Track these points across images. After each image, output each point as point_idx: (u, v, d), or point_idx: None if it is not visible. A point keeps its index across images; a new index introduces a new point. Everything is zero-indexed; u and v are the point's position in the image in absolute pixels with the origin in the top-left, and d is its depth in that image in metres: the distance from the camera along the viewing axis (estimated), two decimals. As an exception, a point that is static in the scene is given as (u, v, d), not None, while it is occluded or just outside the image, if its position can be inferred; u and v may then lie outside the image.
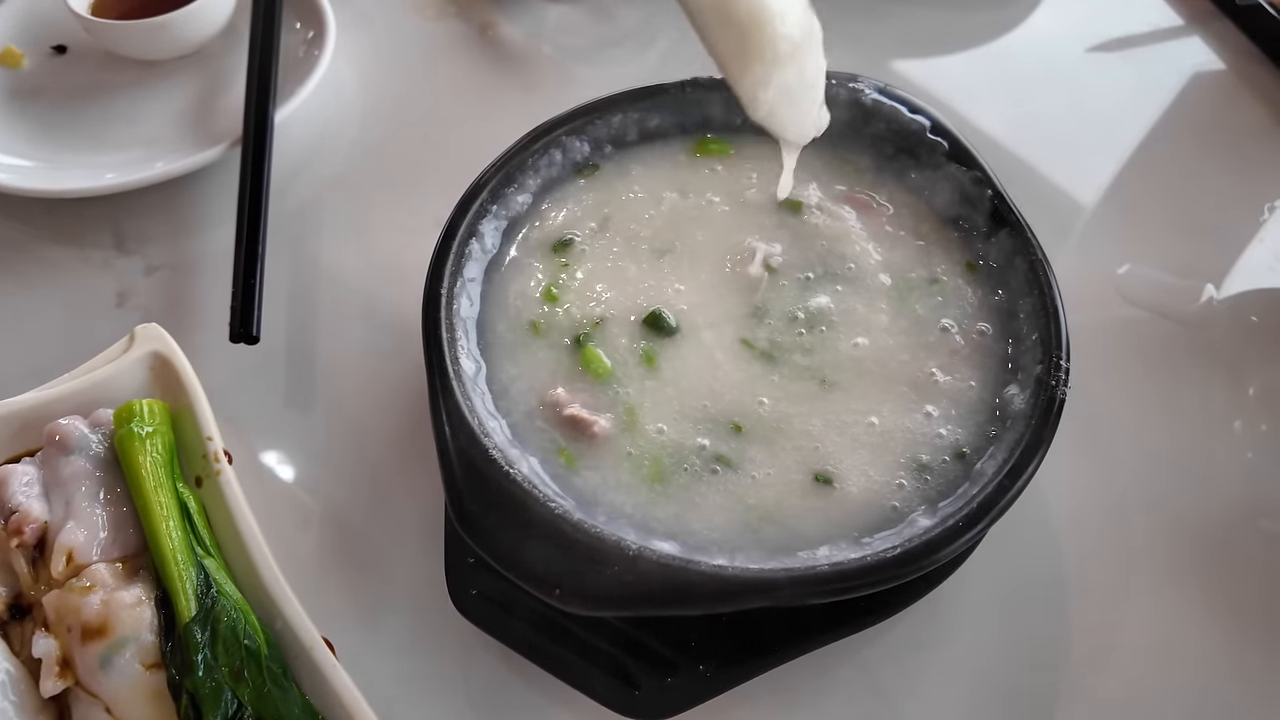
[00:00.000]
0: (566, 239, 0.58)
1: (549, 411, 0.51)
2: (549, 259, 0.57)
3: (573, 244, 0.57)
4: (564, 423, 0.50)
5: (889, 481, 0.48)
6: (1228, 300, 0.69)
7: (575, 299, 0.55)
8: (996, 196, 0.56)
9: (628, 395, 0.51)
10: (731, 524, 0.47)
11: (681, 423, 0.50)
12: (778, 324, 0.54)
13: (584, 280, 0.56)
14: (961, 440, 0.49)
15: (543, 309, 0.55)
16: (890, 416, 0.51)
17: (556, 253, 0.57)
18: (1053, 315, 0.50)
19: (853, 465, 0.49)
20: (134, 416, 0.53)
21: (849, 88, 0.61)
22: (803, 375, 0.52)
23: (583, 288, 0.56)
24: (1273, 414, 0.63)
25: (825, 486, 0.48)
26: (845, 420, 0.51)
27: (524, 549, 0.42)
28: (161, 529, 0.49)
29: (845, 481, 0.48)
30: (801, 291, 0.56)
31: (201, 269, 0.70)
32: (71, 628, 0.47)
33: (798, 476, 0.49)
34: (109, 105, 0.80)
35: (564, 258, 0.57)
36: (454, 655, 0.52)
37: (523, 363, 0.53)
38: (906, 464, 0.49)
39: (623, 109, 0.61)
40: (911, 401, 0.51)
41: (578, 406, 0.51)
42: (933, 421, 0.50)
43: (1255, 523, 0.58)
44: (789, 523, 0.47)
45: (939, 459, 0.49)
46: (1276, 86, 0.84)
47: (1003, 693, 0.51)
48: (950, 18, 0.92)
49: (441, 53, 0.88)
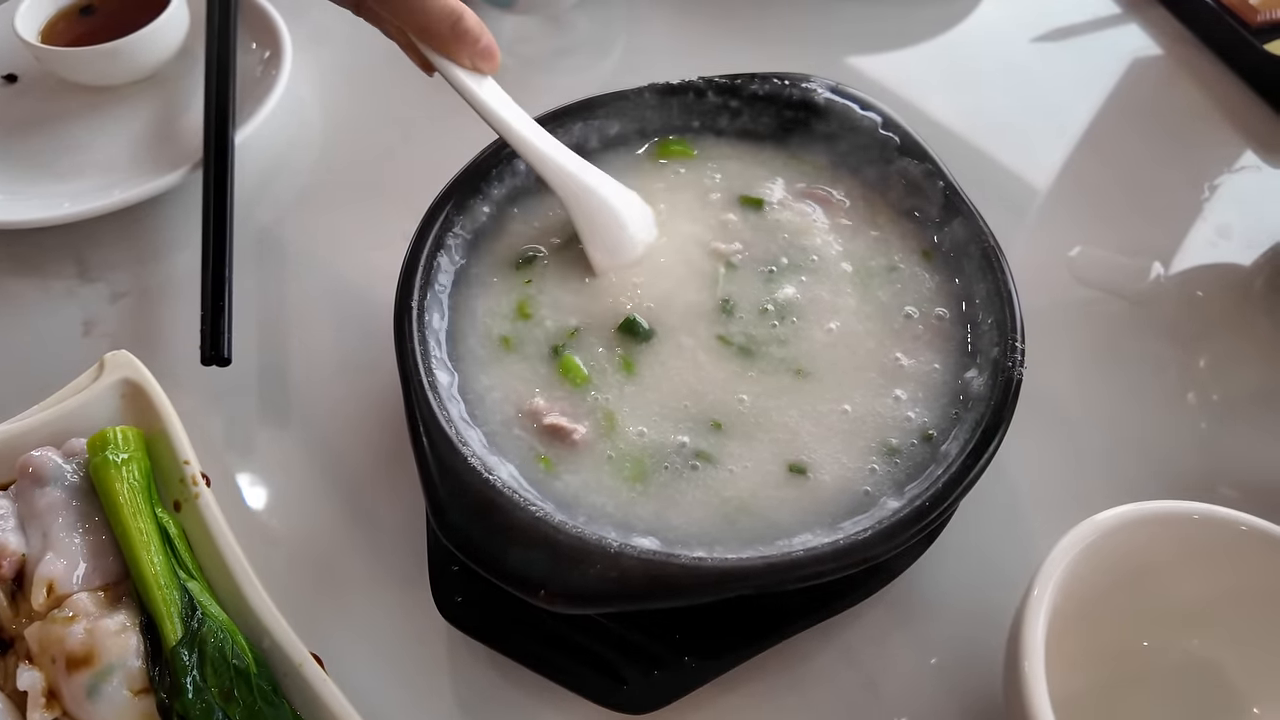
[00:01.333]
0: (530, 254, 0.59)
1: (527, 420, 0.51)
2: (514, 275, 0.58)
3: (536, 260, 0.58)
4: (543, 431, 0.51)
5: (861, 467, 0.50)
6: (1175, 277, 0.72)
7: (547, 312, 0.56)
8: (948, 188, 0.58)
9: (606, 401, 0.52)
10: (710, 518, 0.48)
11: (662, 424, 0.51)
12: (749, 318, 0.55)
13: (553, 293, 0.57)
14: (929, 423, 0.51)
15: (514, 325, 0.56)
16: (862, 403, 0.52)
17: (520, 270, 0.58)
18: (1006, 299, 0.52)
19: (827, 453, 0.50)
20: (108, 444, 0.53)
21: (802, 88, 0.62)
22: (779, 368, 0.53)
23: (553, 300, 0.57)
24: (1223, 384, 0.66)
25: (800, 476, 0.49)
26: (820, 410, 0.52)
27: (507, 553, 0.43)
28: (143, 555, 0.49)
29: (820, 470, 0.50)
30: (768, 284, 0.57)
31: (168, 293, 0.70)
32: (56, 658, 0.46)
33: (773, 468, 0.50)
34: (64, 133, 0.80)
35: (528, 275, 0.58)
36: (442, 662, 0.52)
37: (496, 375, 0.54)
38: (878, 448, 0.50)
39: (583, 116, 0.62)
40: (880, 387, 0.53)
41: (557, 414, 0.51)
42: (901, 405, 0.52)
43: (1215, 490, 0.60)
44: (765, 513, 0.48)
45: (908, 442, 0.50)
46: (1211, 69, 0.87)
47: (978, 664, 0.53)
48: (898, 13, 0.94)
49: (401, 67, 0.88)
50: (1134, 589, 0.48)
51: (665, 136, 0.64)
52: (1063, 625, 0.45)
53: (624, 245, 0.57)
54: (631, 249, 0.57)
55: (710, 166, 0.63)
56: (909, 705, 0.52)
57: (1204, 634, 0.49)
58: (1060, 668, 0.43)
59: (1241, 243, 0.74)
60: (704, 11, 0.94)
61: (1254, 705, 0.48)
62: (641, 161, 0.64)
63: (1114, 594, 0.47)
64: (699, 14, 0.94)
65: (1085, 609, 0.47)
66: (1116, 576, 0.47)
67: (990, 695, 0.51)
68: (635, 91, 0.63)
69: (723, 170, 0.63)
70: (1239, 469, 0.61)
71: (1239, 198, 0.77)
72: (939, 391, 0.52)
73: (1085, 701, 0.48)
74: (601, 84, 0.65)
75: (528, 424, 0.51)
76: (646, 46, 0.91)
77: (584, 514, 0.47)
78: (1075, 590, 0.45)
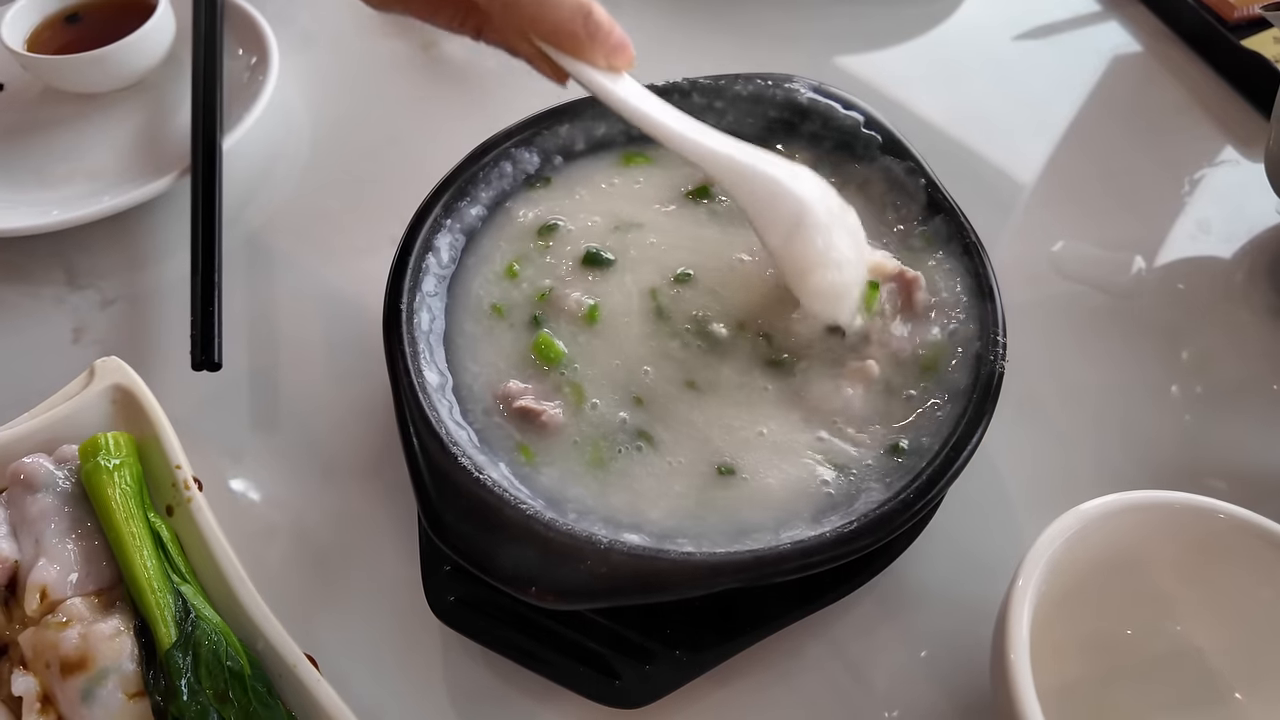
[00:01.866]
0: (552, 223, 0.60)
1: (503, 405, 0.52)
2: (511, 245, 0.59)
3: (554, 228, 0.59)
4: (516, 416, 0.52)
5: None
6: (1156, 270, 0.73)
7: (534, 273, 0.57)
8: (930, 185, 0.58)
9: (574, 374, 0.53)
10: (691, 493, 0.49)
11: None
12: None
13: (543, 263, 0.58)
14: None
15: (504, 288, 0.57)
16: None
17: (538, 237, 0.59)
18: (988, 294, 0.53)
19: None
20: (100, 450, 0.53)
21: (785, 88, 0.63)
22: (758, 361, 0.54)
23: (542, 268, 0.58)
24: (1206, 376, 0.67)
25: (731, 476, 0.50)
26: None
27: (498, 552, 0.43)
28: (136, 559, 0.50)
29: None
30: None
31: (157, 300, 0.70)
32: (50, 663, 0.47)
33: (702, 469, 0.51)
34: (51, 140, 0.80)
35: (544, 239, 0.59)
36: (436, 662, 0.53)
37: (483, 357, 0.54)
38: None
39: (570, 119, 0.62)
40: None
41: (530, 398, 0.52)
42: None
43: (1200, 481, 0.61)
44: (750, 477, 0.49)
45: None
46: (1190, 65, 0.88)
47: (966, 655, 0.53)
48: (883, 13, 0.95)
49: (387, 72, 0.89)
50: (1118, 577, 0.49)
51: (628, 149, 0.65)
52: (1049, 614, 0.46)
53: (802, 229, 0.51)
54: (811, 236, 0.51)
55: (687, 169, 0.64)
56: (898, 696, 0.52)
57: (1187, 620, 0.50)
58: (1047, 656, 0.44)
59: (1221, 236, 0.75)
60: (690, 13, 0.95)
61: (1236, 690, 0.49)
62: (617, 166, 0.64)
63: (1099, 582, 0.48)
64: (684, 15, 0.94)
65: (1071, 598, 0.47)
66: (1101, 565, 0.48)
67: (978, 685, 0.52)
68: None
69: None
70: (1222, 459, 0.62)
71: (1218, 192, 0.78)
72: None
73: (1072, 689, 0.49)
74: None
75: (505, 409, 0.52)
76: (634, 50, 0.92)
77: (573, 509, 0.48)
78: (1060, 579, 0.46)
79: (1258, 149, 0.80)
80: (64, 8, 0.83)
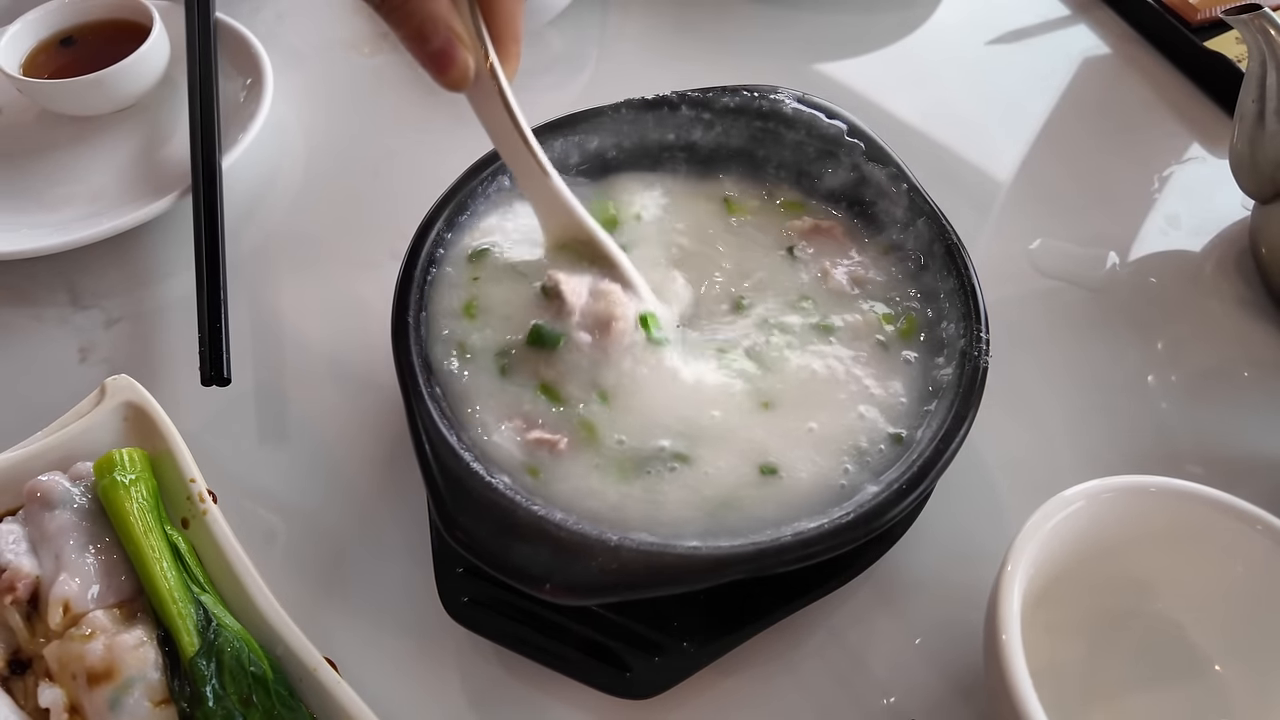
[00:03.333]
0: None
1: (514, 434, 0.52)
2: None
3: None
4: (527, 445, 0.52)
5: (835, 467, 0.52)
6: (1130, 265, 0.76)
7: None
8: (912, 189, 0.61)
9: (586, 413, 0.53)
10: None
11: (641, 434, 0.52)
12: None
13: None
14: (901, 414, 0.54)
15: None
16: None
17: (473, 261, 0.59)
18: (970, 293, 0.55)
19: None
20: (115, 466, 0.54)
21: (770, 99, 0.65)
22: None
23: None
24: (1180, 366, 0.69)
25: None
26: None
27: (512, 551, 0.45)
28: (156, 571, 0.51)
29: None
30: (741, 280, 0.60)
31: (162, 318, 0.72)
32: (76, 675, 0.48)
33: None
34: (50, 163, 0.81)
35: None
36: (452, 661, 0.55)
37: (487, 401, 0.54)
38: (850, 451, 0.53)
39: (564, 133, 0.64)
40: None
41: (540, 431, 0.52)
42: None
43: (1180, 468, 0.63)
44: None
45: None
46: (1157, 66, 0.92)
47: (959, 640, 0.56)
48: (857, 21, 0.97)
49: (379, 87, 0.91)
50: (1102, 560, 0.51)
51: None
52: (1037, 597, 0.48)
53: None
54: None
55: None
56: (896, 681, 0.54)
57: (1168, 599, 0.52)
58: (1037, 637, 0.46)
59: (1190, 230, 0.78)
60: (673, 27, 0.97)
61: (1215, 663, 0.51)
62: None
63: (1083, 565, 0.50)
64: (669, 29, 0.97)
65: (1057, 581, 0.50)
66: (1085, 548, 0.50)
67: (972, 666, 0.54)
68: (613, 107, 0.65)
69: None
70: (1197, 444, 0.65)
71: (1187, 187, 0.81)
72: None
73: (1062, 667, 0.51)
74: (576, 100, 0.67)
75: (514, 440, 0.52)
76: (619, 62, 0.94)
77: (578, 519, 0.48)
78: (1047, 563, 0.48)
79: (1222, 146, 0.83)
80: (58, 31, 0.84)
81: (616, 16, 0.98)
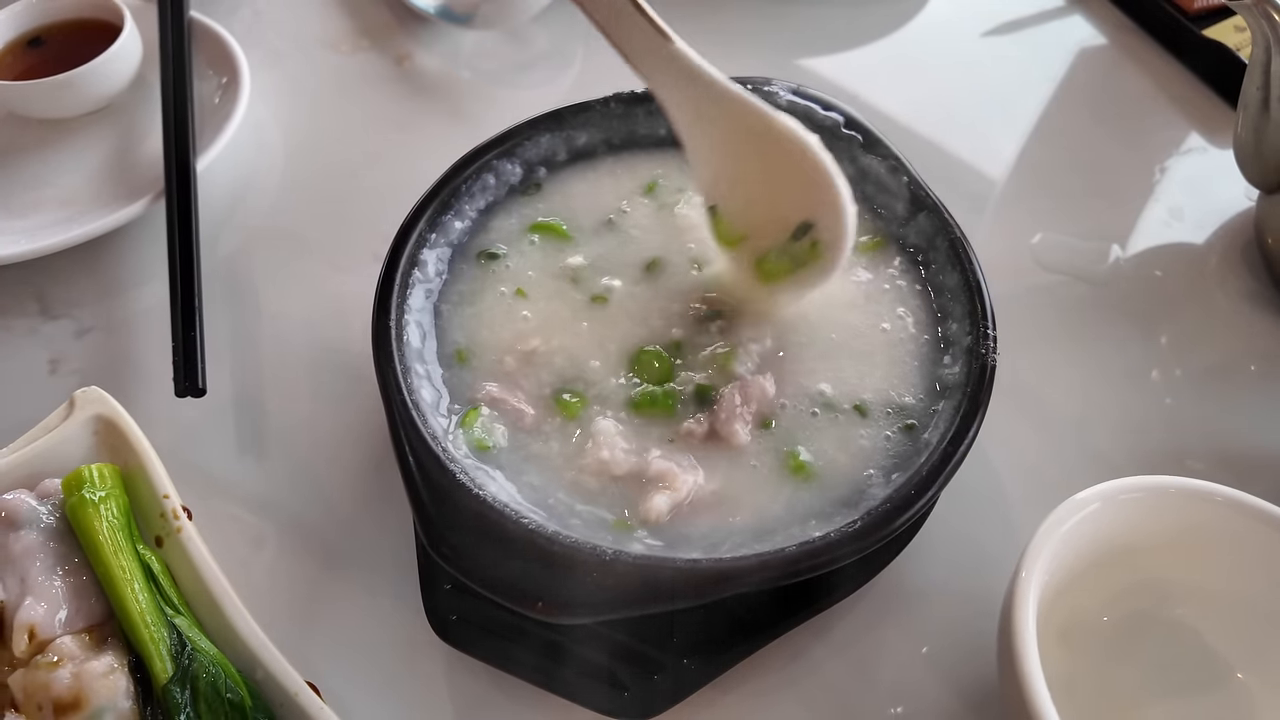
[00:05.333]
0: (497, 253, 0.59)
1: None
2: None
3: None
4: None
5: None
6: (1132, 258, 0.74)
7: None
8: (912, 183, 0.59)
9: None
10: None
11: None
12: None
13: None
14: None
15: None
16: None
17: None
18: (975, 289, 0.53)
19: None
20: (84, 483, 0.52)
21: (764, 91, 0.63)
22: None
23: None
24: (1184, 360, 0.68)
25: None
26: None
27: (501, 567, 0.43)
28: (127, 593, 0.49)
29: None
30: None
31: (135, 327, 0.69)
32: (43, 705, 0.45)
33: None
34: (18, 168, 0.78)
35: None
36: (440, 682, 0.52)
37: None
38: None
39: (550, 128, 0.62)
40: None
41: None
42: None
43: (1183, 463, 0.62)
44: None
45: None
46: (1154, 56, 0.90)
47: (967, 649, 0.54)
48: (849, 13, 0.95)
49: (360, 86, 0.88)
50: (1117, 563, 0.49)
51: (632, 148, 0.64)
52: (1051, 603, 0.47)
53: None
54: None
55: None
56: (902, 692, 0.53)
57: (1186, 604, 0.50)
58: (1051, 644, 0.44)
59: (1193, 222, 0.77)
60: (662, 21, 0.95)
61: (1238, 670, 0.49)
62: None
63: (1099, 569, 0.49)
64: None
65: (1071, 586, 0.48)
66: (1100, 552, 0.48)
67: (981, 677, 0.52)
68: (601, 102, 0.63)
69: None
70: (1204, 441, 0.63)
71: (1188, 179, 0.80)
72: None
73: (1077, 675, 0.49)
74: (563, 96, 0.65)
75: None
76: (606, 57, 0.91)
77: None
78: (1061, 568, 0.46)
79: (1223, 136, 0.82)
80: (26, 31, 0.81)
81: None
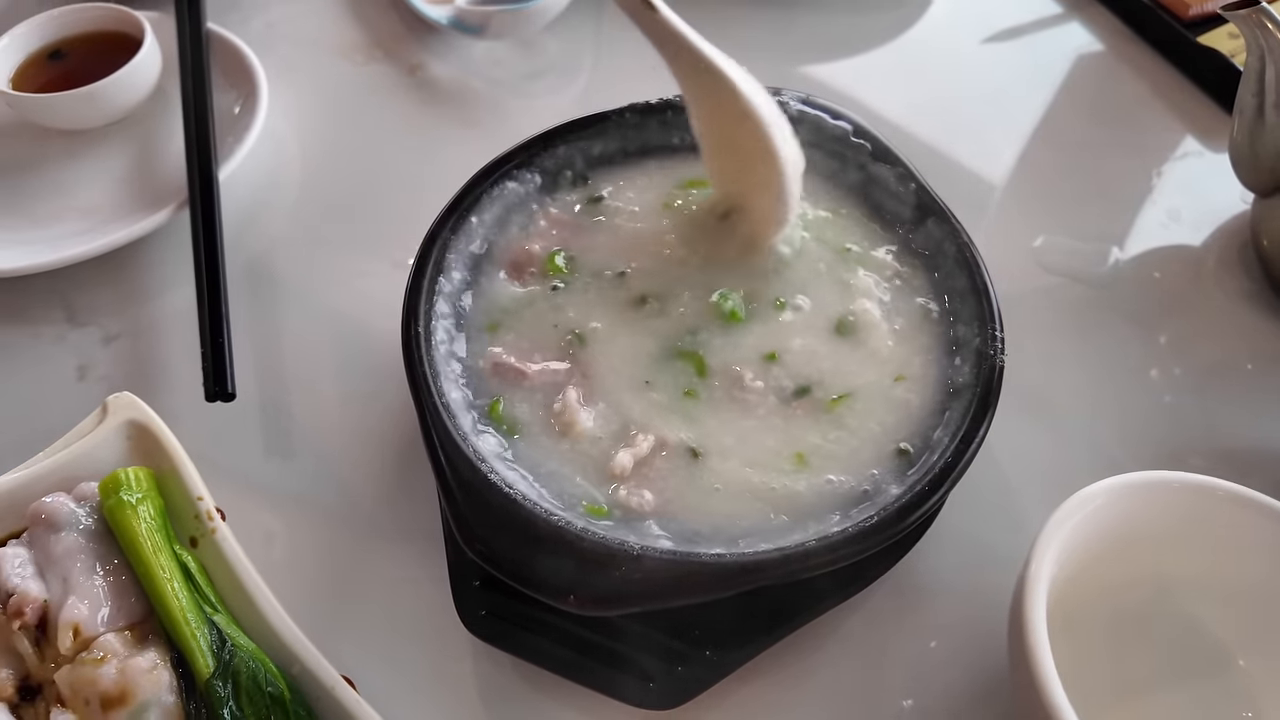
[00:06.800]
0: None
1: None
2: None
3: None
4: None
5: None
6: (1132, 260, 0.76)
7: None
8: (920, 189, 0.61)
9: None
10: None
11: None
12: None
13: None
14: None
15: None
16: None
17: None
18: (983, 291, 0.55)
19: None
20: (121, 485, 0.53)
21: (775, 100, 0.65)
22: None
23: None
24: (1183, 359, 0.70)
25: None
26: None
27: (534, 563, 0.45)
28: (167, 591, 0.50)
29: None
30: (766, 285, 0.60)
31: (160, 333, 0.71)
32: (89, 700, 0.47)
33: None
34: (41, 179, 0.79)
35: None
36: (470, 675, 0.54)
37: None
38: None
39: (567, 139, 0.64)
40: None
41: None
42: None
43: (1185, 461, 0.63)
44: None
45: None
46: (1150, 62, 0.92)
47: (978, 642, 0.55)
48: (850, 22, 0.97)
49: (374, 96, 0.90)
50: (1122, 556, 0.51)
51: (645, 158, 0.66)
52: (1057, 595, 0.48)
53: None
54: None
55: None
56: (914, 685, 0.54)
57: (1188, 595, 0.52)
58: (1057, 636, 0.46)
59: (1191, 224, 0.79)
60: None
61: (1239, 658, 0.51)
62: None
63: (1104, 561, 0.50)
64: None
65: (1078, 578, 0.50)
66: (1106, 545, 0.50)
67: (991, 669, 0.54)
68: (617, 112, 0.65)
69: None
70: (1204, 438, 0.65)
71: (1185, 182, 0.82)
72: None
73: (1086, 665, 0.51)
74: (574, 104, 0.67)
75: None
76: (615, 67, 0.94)
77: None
78: (1068, 561, 0.48)
79: (1219, 140, 0.84)
80: (47, 44, 0.82)
81: (611, 21, 0.97)
